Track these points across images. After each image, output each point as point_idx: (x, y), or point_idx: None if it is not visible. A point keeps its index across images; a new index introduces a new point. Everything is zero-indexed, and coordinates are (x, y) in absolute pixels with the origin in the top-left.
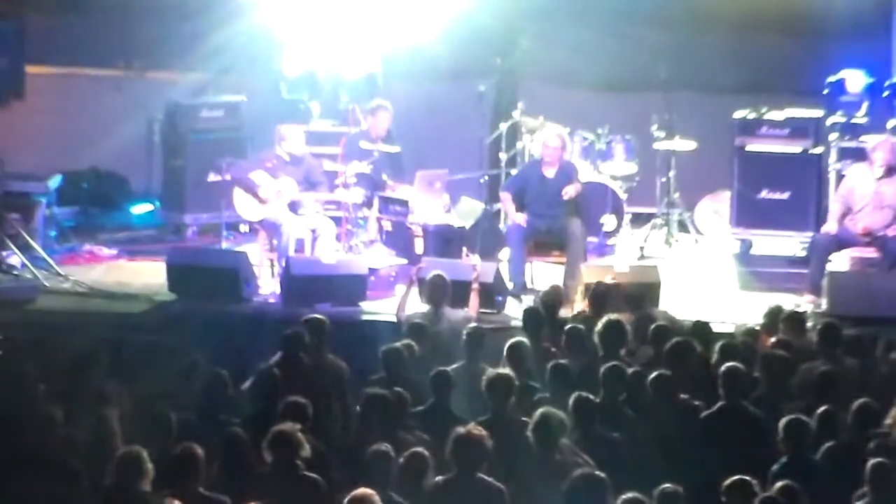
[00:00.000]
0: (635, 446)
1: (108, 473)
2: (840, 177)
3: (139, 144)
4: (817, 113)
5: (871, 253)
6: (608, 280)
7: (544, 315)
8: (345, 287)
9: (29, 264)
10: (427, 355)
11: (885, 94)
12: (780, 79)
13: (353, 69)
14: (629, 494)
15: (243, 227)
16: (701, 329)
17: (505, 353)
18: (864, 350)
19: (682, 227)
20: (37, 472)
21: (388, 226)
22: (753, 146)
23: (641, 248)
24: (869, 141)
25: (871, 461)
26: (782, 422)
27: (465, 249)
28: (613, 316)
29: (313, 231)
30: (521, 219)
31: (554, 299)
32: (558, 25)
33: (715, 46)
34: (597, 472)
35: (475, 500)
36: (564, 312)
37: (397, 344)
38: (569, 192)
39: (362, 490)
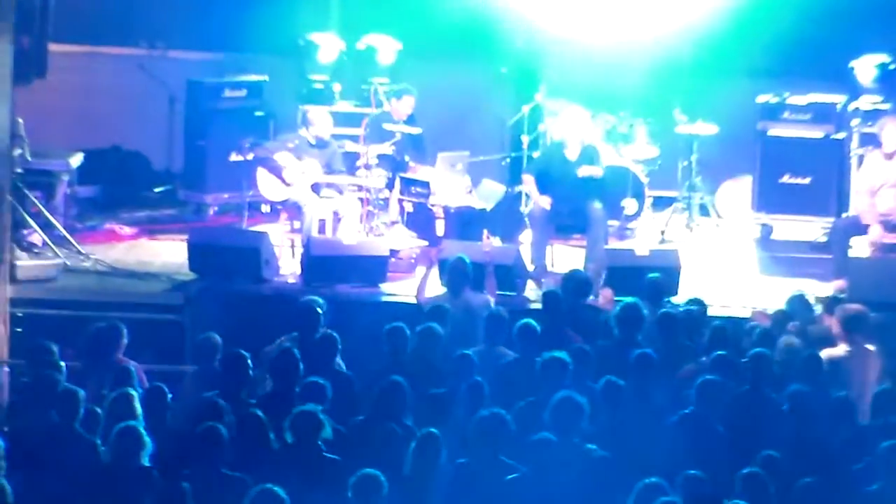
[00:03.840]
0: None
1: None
2: (861, 162)
3: (161, 123)
4: (840, 98)
5: (891, 238)
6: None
7: (564, 299)
8: (365, 268)
9: (50, 242)
10: (447, 338)
11: None
12: (803, 63)
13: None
14: (650, 479)
15: (265, 207)
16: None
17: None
18: (887, 336)
19: (704, 211)
20: (59, 449)
21: (409, 207)
22: (776, 131)
23: (662, 232)
24: (878, 123)
25: (885, 444)
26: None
27: (485, 232)
28: (630, 299)
29: (335, 212)
30: (546, 202)
31: (576, 284)
32: (581, 8)
33: (738, 30)
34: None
35: (496, 482)
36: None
37: (400, 324)
38: (585, 170)
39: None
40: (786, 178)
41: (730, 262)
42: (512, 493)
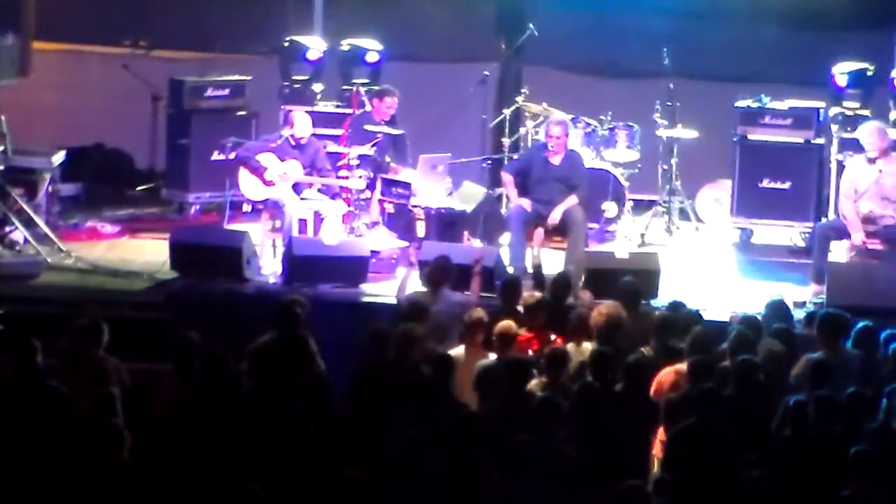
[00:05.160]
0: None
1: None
2: (841, 168)
3: (144, 122)
4: (820, 103)
5: (872, 243)
6: None
7: (548, 301)
8: (346, 268)
9: (32, 240)
10: (426, 336)
11: None
12: (783, 69)
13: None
14: (631, 481)
15: (246, 207)
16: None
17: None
18: (868, 342)
19: (683, 214)
20: (40, 447)
21: (390, 208)
22: (755, 135)
23: (642, 236)
24: (860, 128)
25: (854, 449)
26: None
27: (466, 233)
28: (610, 302)
29: (317, 213)
30: (526, 204)
31: (561, 287)
32: (563, 11)
33: (719, 35)
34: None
35: (475, 484)
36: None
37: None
38: (555, 218)
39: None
40: (765, 183)
41: (709, 266)
42: (492, 494)
